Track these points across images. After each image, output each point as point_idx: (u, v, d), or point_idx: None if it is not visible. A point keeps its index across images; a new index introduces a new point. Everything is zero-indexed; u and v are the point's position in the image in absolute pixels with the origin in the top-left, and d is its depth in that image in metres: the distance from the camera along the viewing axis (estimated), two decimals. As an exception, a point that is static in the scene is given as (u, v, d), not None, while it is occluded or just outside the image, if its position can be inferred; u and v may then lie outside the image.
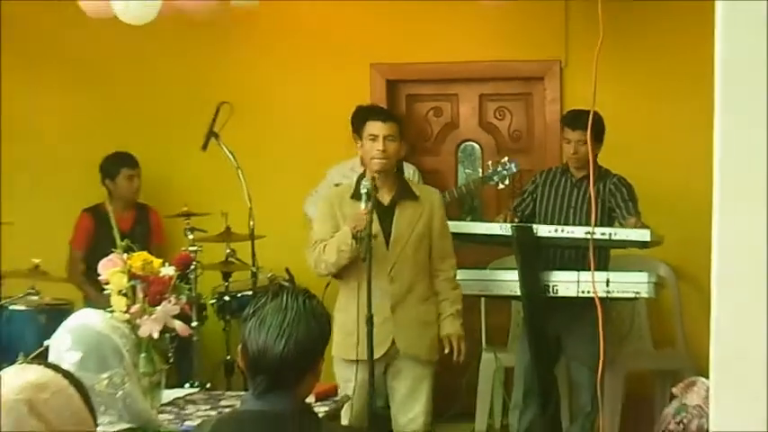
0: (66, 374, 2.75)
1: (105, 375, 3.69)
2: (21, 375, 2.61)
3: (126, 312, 5.37)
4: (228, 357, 7.37)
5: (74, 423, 2.60)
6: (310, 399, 3.95)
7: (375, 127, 6.13)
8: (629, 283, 6.56)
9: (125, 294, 5.53)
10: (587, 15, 6.00)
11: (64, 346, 3.77)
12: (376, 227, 5.92)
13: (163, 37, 7.33)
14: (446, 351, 6.00)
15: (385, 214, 6.03)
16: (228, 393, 5.83)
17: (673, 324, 7.65)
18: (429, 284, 6.17)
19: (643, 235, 6.60)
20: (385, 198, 6.07)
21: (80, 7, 6.87)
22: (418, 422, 6.12)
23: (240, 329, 4.04)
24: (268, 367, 3.60)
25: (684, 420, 3.58)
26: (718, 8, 3.08)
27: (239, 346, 3.69)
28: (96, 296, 6.92)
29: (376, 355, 5.76)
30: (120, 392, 3.72)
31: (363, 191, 5.88)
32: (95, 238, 7.89)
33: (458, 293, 6.16)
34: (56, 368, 2.83)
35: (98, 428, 2.78)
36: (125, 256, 5.64)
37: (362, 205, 5.90)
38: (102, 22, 6.89)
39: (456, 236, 6.80)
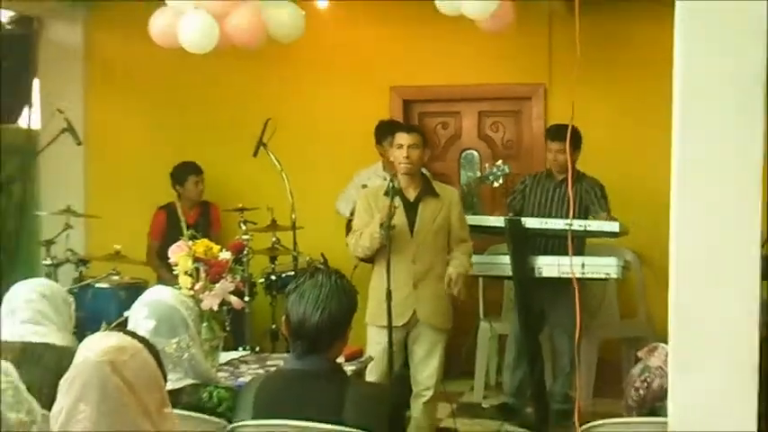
0: (142, 340, 2.75)
1: (174, 341, 3.68)
2: (104, 341, 2.61)
3: (191, 289, 5.36)
4: (274, 326, 7.37)
5: (148, 380, 2.60)
6: (340, 359, 3.86)
7: (402, 138, 6.19)
8: (601, 266, 6.53)
9: (190, 274, 5.51)
10: (566, 47, 5.95)
11: (141, 316, 3.75)
12: (402, 218, 6.02)
13: (219, 64, 7.32)
14: (446, 287, 6.01)
15: (411, 208, 6.11)
16: (274, 355, 5.84)
17: (637, 300, 7.63)
18: (445, 266, 6.18)
19: (613, 227, 6.58)
20: (411, 195, 6.14)
21: (155, 36, 6.84)
22: (433, 379, 6.17)
23: (284, 303, 4.05)
24: (306, 334, 3.60)
25: (648, 379, 3.54)
26: (676, 38, 3.02)
27: (283, 317, 3.69)
28: (168, 276, 6.93)
29: (400, 323, 5.89)
30: (186, 355, 3.70)
31: (388, 189, 5.94)
32: (167, 230, 7.88)
33: (466, 260, 6.19)
34: (133, 335, 2.82)
35: (167, 384, 2.74)
36: (190, 243, 5.62)
37: (383, 201, 5.99)
38: (171, 53, 6.85)
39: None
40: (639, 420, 3.45)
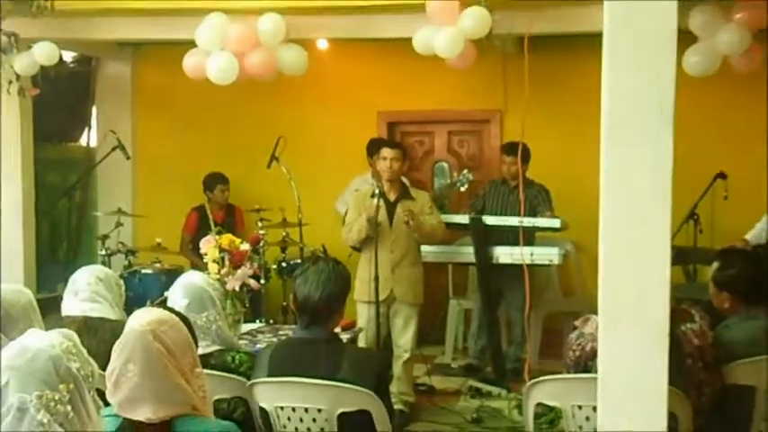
0: (178, 314, 2.79)
1: (203, 315, 3.69)
2: (147, 314, 2.63)
3: (218, 274, 5.38)
4: (284, 303, 7.36)
5: (183, 346, 2.61)
6: (337, 329, 3.86)
7: (386, 152, 6.31)
8: (546, 254, 6.57)
9: (217, 262, 5.53)
10: (518, 80, 6.00)
11: (177, 295, 3.76)
12: (383, 215, 6.07)
13: (239, 94, 7.29)
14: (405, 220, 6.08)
15: (391, 207, 6.16)
16: (284, 326, 5.88)
17: (574, 281, 7.66)
18: (418, 255, 6.29)
19: (555, 223, 6.61)
20: (391, 197, 6.21)
21: (188, 71, 6.85)
22: (409, 344, 6.22)
23: (292, 285, 4.08)
24: (310, 309, 3.63)
25: (582, 343, 3.56)
26: (603, 73, 3.05)
27: (291, 296, 3.74)
28: (199, 263, 6.93)
29: (381, 299, 5.88)
30: (214, 326, 3.73)
31: (376, 191, 6.00)
32: (199, 227, 7.89)
33: (431, 220, 6.27)
34: (171, 310, 2.86)
35: (198, 350, 2.76)
36: (217, 237, 5.64)
37: (369, 201, 6.08)
38: (201, 84, 6.85)
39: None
40: (576, 376, 3.46)
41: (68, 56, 7.69)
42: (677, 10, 2.88)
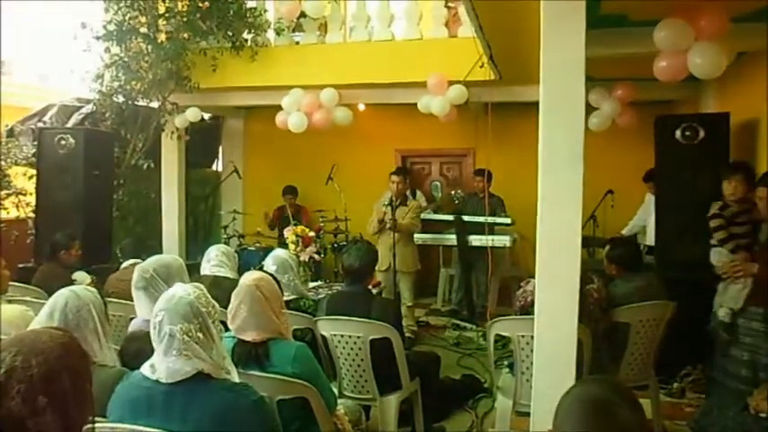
0: (271, 275, 2.78)
1: (286, 276, 3.68)
2: (253, 274, 2.65)
3: (294, 251, 5.37)
4: (335, 270, 7.33)
5: (275, 294, 2.62)
6: (369, 287, 3.82)
7: (393, 177, 6.19)
8: (502, 240, 6.54)
9: (294, 243, 5.52)
10: (485, 129, 5.96)
11: (269, 263, 3.75)
12: (389, 216, 5.86)
13: (308, 137, 7.23)
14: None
15: (394, 211, 5.90)
16: (335, 284, 5.79)
17: (519, 256, 7.57)
18: (407, 241, 6.09)
19: (507, 220, 6.57)
20: (395, 204, 5.96)
21: (278, 124, 6.86)
22: (408, 296, 6.08)
23: (341, 258, 4.06)
24: (351, 272, 3.63)
25: (525, 296, 3.52)
26: (540, 124, 3.02)
27: (341, 264, 3.74)
28: (280, 243, 6.97)
29: (384, 268, 5.77)
30: (292, 284, 3.71)
31: (387, 203, 5.91)
32: (280, 220, 7.86)
33: (405, 225, 6.02)
34: (266, 272, 2.83)
35: (283, 297, 2.76)
36: (294, 227, 5.64)
37: (383, 208, 5.93)
38: (284, 132, 6.93)
39: (433, 220, 6.95)
40: (521, 318, 3.44)
41: (207, 115, 7.72)
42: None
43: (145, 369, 1.90)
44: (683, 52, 3.97)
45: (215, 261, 3.98)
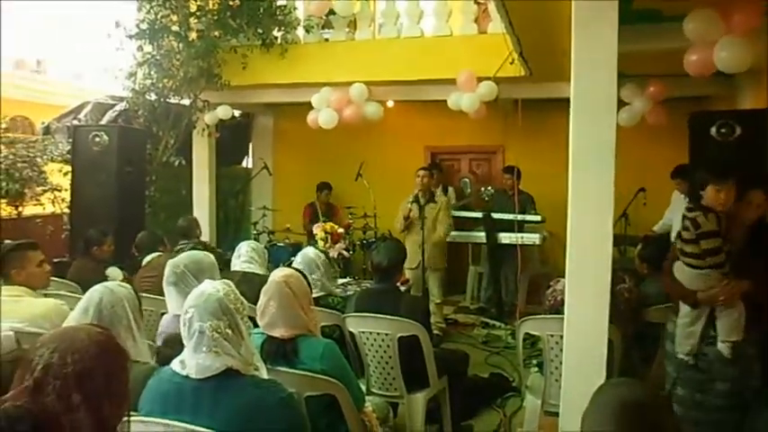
0: (300, 272, 2.78)
1: (314, 275, 3.67)
2: (282, 271, 2.68)
3: (324, 246, 5.39)
4: (364, 266, 7.31)
5: (303, 291, 2.63)
6: (398, 284, 3.81)
7: (419, 172, 6.05)
8: (531, 238, 6.50)
9: (323, 239, 5.56)
10: (514, 126, 5.91)
11: (297, 261, 3.75)
12: (416, 213, 5.83)
13: (339, 133, 7.20)
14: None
15: (421, 208, 5.85)
16: (363, 281, 5.78)
17: (548, 255, 7.47)
18: (440, 238, 5.98)
19: (537, 218, 6.52)
20: (422, 201, 5.89)
21: (309, 122, 6.87)
22: (437, 293, 5.99)
23: (369, 255, 4.05)
24: (380, 270, 3.61)
25: (555, 295, 3.50)
26: (572, 121, 2.98)
27: (369, 261, 3.72)
28: (310, 240, 7.00)
29: (413, 266, 5.68)
30: (319, 282, 3.69)
31: (411, 200, 5.89)
32: (311, 216, 7.88)
33: (442, 230, 5.97)
34: (295, 269, 2.84)
35: (312, 294, 2.77)
36: (324, 224, 5.66)
37: (408, 205, 5.89)
38: (315, 129, 6.93)
39: (462, 217, 6.89)
40: (550, 317, 3.41)
41: (237, 113, 7.77)
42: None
43: (175, 364, 1.93)
44: (712, 45, 3.89)
45: (245, 257, 4.02)
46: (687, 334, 3.13)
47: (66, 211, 6.36)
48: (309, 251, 3.82)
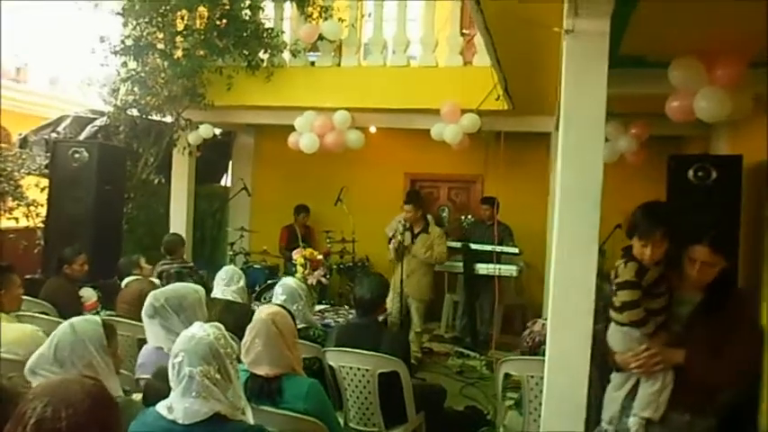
0: (284, 308, 2.75)
1: (295, 305, 3.65)
2: (269, 308, 2.67)
3: (302, 273, 5.35)
4: (340, 291, 7.33)
5: (289, 329, 2.62)
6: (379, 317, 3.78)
7: (405, 207, 6.07)
8: (508, 269, 6.48)
9: (303, 265, 5.51)
10: (494, 157, 5.95)
11: (278, 292, 3.72)
12: (409, 241, 5.92)
13: (319, 158, 7.18)
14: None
15: (414, 237, 5.96)
16: (341, 308, 5.77)
17: (523, 285, 7.51)
18: (428, 269, 6.08)
19: (515, 250, 6.50)
20: (416, 230, 6.02)
21: (290, 144, 6.87)
22: (418, 323, 6.06)
23: (346, 280, 3.97)
24: (362, 304, 3.60)
25: (533, 336, 3.51)
26: (559, 162, 3.00)
27: (352, 295, 3.70)
28: (286, 264, 6.99)
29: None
30: (301, 313, 3.67)
31: (406, 227, 5.96)
32: (288, 239, 7.85)
33: (438, 253, 6.06)
34: (280, 306, 2.81)
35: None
36: (303, 250, 5.62)
37: (399, 236, 5.95)
38: (296, 152, 6.91)
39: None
40: (529, 358, 3.42)
41: (218, 131, 7.70)
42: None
43: (161, 408, 1.88)
44: (693, 93, 3.98)
45: (227, 283, 3.95)
46: (611, 399, 2.82)
47: (41, 225, 6.24)
48: (290, 281, 3.79)
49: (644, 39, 3.60)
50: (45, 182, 6.13)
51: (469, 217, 7.30)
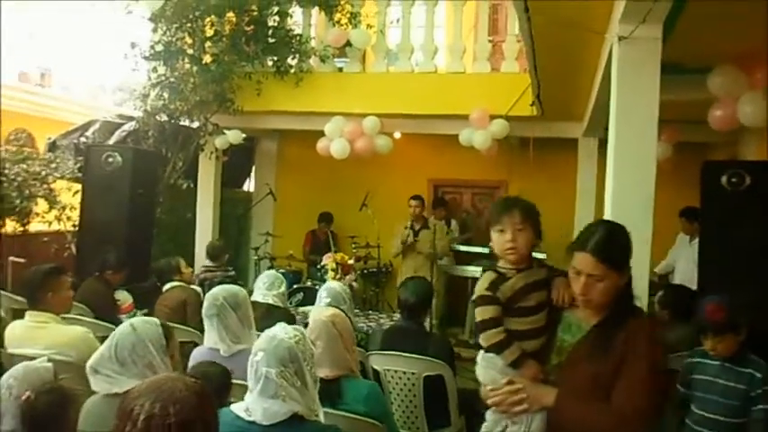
0: (341, 309, 2.75)
1: (341, 307, 3.63)
2: (327, 310, 2.66)
3: (333, 278, 5.36)
4: (364, 296, 7.36)
5: (348, 331, 2.64)
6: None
7: (411, 202, 6.56)
8: (536, 275, 6.42)
9: (334, 270, 5.52)
10: (519, 162, 5.94)
11: (322, 295, 3.66)
12: (411, 239, 6.35)
13: (348, 164, 7.18)
14: None
15: (416, 234, 6.33)
16: (371, 313, 5.76)
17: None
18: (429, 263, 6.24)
19: (542, 255, 6.39)
20: (416, 228, 6.42)
21: (319, 150, 6.88)
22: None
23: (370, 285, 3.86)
24: (407, 307, 3.60)
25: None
26: (610, 168, 3.01)
27: (397, 299, 3.69)
28: (310, 268, 7.02)
29: None
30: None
31: (408, 225, 6.29)
32: (312, 243, 7.89)
33: (440, 246, 6.24)
34: (337, 308, 2.82)
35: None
36: (334, 254, 5.64)
37: (405, 231, 6.35)
38: (324, 157, 6.93)
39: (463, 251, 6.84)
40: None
41: (241, 137, 7.71)
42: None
43: (237, 409, 1.89)
44: (736, 100, 3.98)
45: (267, 287, 3.96)
46: None
47: (71, 229, 6.28)
48: (335, 284, 3.79)
49: (684, 45, 3.61)
50: (76, 186, 6.17)
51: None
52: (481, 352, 2.07)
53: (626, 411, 1.76)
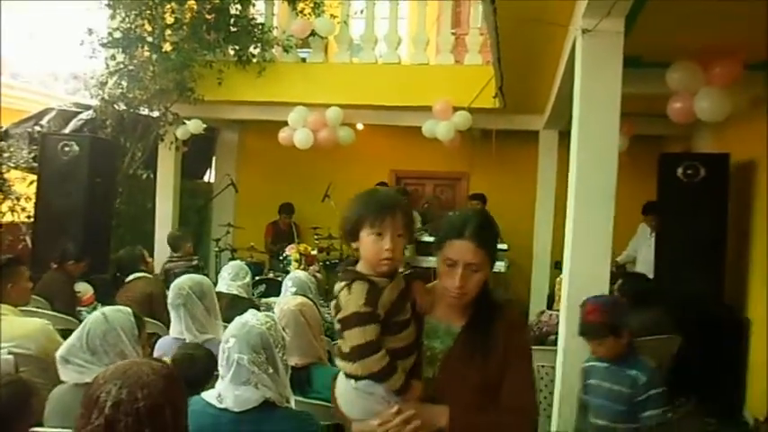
0: (308, 298, 2.75)
1: (308, 295, 3.63)
2: (295, 300, 2.64)
3: (296, 269, 5.34)
4: (327, 287, 7.20)
5: (316, 320, 2.64)
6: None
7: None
8: (498, 265, 6.53)
9: (297, 261, 5.50)
10: (481, 154, 6.00)
11: (288, 285, 3.65)
12: None
13: (309, 154, 7.16)
14: None
15: None
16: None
17: (509, 280, 7.58)
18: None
19: (504, 247, 6.57)
20: None
21: (281, 140, 6.82)
22: None
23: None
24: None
25: (540, 326, 3.56)
26: (574, 161, 3.07)
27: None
28: (272, 260, 6.99)
29: None
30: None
31: None
32: (274, 235, 7.85)
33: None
34: (304, 297, 2.82)
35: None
36: (297, 245, 5.61)
37: None
38: (283, 147, 6.88)
39: (427, 242, 6.87)
40: (542, 348, 3.48)
41: (201, 128, 7.60)
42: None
43: (208, 397, 1.88)
44: (693, 95, 4.10)
45: (231, 278, 3.93)
46: None
47: (26, 220, 6.11)
48: (300, 274, 3.78)
49: (643, 40, 3.70)
50: (31, 176, 6.00)
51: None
52: (345, 380, 1.69)
53: (525, 406, 1.68)
